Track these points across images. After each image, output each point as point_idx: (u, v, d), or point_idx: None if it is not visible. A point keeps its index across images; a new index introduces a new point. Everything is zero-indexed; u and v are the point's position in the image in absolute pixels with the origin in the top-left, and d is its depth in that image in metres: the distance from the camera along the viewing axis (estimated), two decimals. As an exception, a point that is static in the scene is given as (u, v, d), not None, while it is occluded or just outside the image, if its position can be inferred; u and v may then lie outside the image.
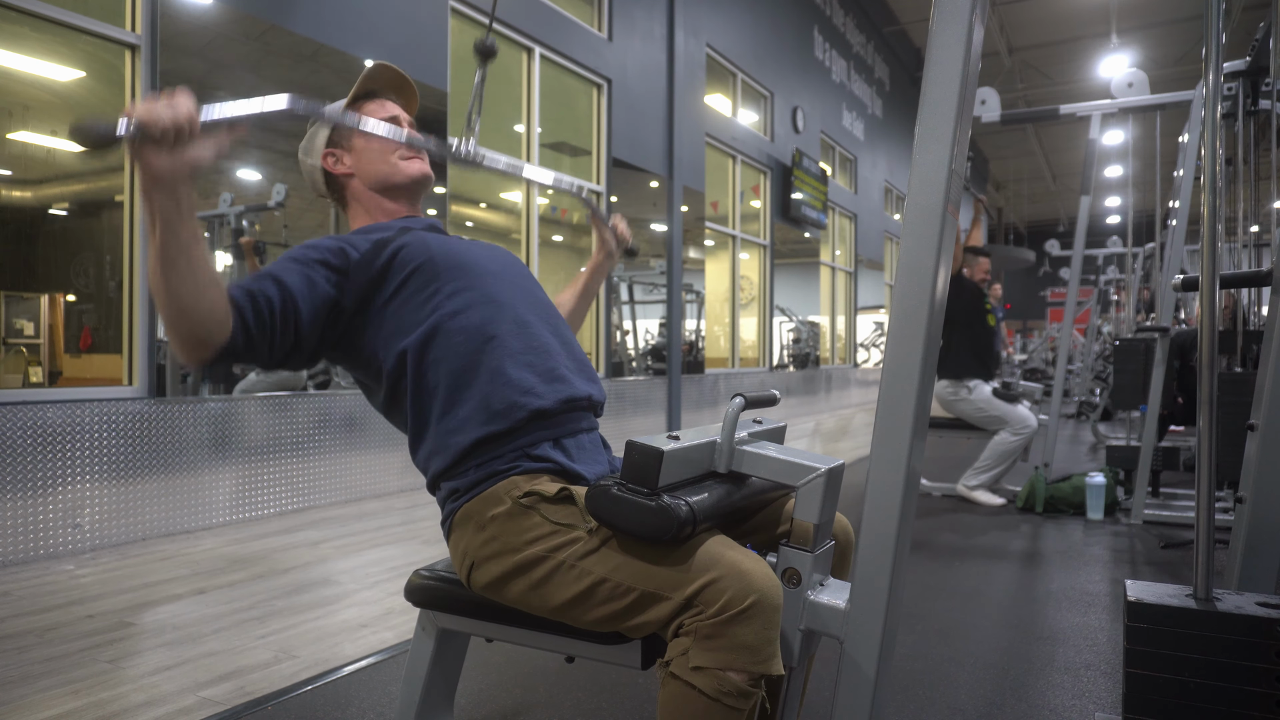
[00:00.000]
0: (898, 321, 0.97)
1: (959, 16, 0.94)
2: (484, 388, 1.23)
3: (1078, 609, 2.63)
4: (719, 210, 9.10)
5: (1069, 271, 5.27)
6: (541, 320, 1.34)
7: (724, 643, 0.98)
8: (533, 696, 1.89)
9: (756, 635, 0.98)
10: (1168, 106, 4.52)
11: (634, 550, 1.06)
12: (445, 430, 1.23)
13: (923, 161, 0.96)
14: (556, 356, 1.30)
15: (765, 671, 0.99)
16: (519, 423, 1.22)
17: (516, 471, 1.20)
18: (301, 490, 4.12)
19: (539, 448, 1.23)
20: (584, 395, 1.30)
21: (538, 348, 1.29)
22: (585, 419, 1.33)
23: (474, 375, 1.23)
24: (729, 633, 0.98)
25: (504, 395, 1.22)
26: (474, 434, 1.21)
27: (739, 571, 1.00)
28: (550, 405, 1.24)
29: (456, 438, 1.22)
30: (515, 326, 1.28)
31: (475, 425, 1.21)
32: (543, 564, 1.12)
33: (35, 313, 3.55)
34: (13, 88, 3.34)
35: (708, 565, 1.01)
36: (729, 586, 0.99)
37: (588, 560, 1.09)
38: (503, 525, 1.16)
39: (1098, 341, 10.13)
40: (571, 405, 1.28)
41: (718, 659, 0.98)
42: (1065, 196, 25.60)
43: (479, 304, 1.28)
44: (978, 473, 4.41)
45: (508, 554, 1.15)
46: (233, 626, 2.38)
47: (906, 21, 15.17)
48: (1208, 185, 1.35)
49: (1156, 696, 1.20)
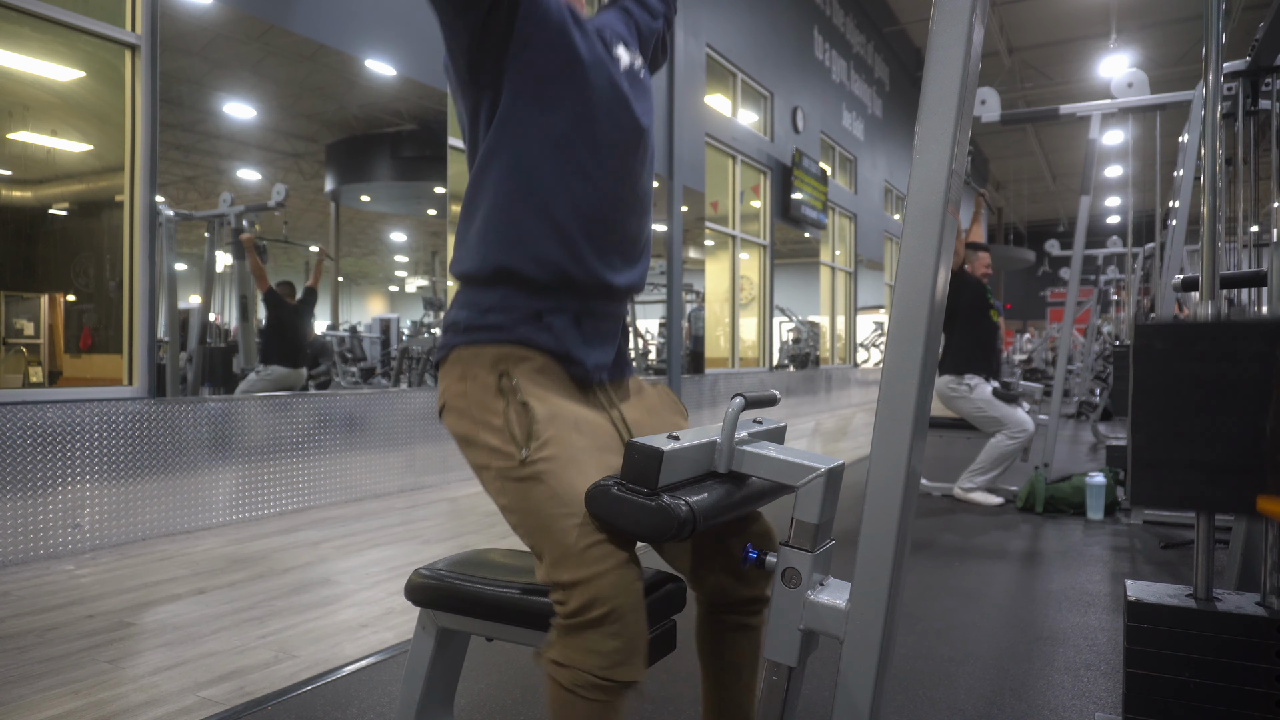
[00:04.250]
0: (898, 321, 0.97)
1: (959, 16, 0.94)
2: (528, 220, 1.17)
3: (1078, 609, 2.63)
4: (719, 210, 9.10)
5: (1069, 271, 5.27)
6: (622, 182, 1.24)
7: (577, 643, 1.03)
8: (533, 696, 1.89)
9: (607, 644, 1.02)
10: (1168, 106, 4.52)
11: (542, 505, 1.07)
12: (480, 234, 1.19)
13: (923, 161, 0.96)
14: (617, 232, 1.24)
15: (618, 679, 1.03)
16: (549, 282, 1.18)
17: (515, 339, 1.18)
18: (301, 490, 4.12)
19: (555, 317, 1.19)
20: (624, 285, 1.26)
21: (602, 216, 1.22)
22: (616, 306, 1.29)
23: (524, 198, 1.17)
24: (582, 636, 1.03)
25: (543, 247, 1.17)
26: (500, 260, 1.17)
27: (605, 576, 1.03)
28: (585, 280, 1.20)
29: (485, 249, 1.18)
30: (590, 180, 1.20)
31: (503, 252, 1.17)
32: (483, 455, 1.14)
33: (35, 313, 3.55)
34: (13, 88, 3.34)
35: (587, 560, 1.04)
36: (589, 591, 1.02)
37: (506, 484, 1.11)
38: (478, 395, 1.16)
39: (1098, 341, 10.13)
40: (608, 291, 1.24)
41: (570, 657, 1.04)
42: (1065, 196, 25.60)
43: (576, 127, 1.18)
44: (974, 475, 4.41)
45: (468, 421, 1.16)
46: (233, 626, 2.38)
47: (906, 21, 15.17)
48: (1208, 185, 1.35)
49: (1156, 696, 1.20)
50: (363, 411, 4.47)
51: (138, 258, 3.57)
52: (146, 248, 3.57)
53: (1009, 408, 4.33)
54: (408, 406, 4.78)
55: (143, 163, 3.56)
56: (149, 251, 3.58)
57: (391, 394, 4.72)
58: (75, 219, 3.61)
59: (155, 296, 3.59)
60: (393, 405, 4.68)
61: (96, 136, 3.63)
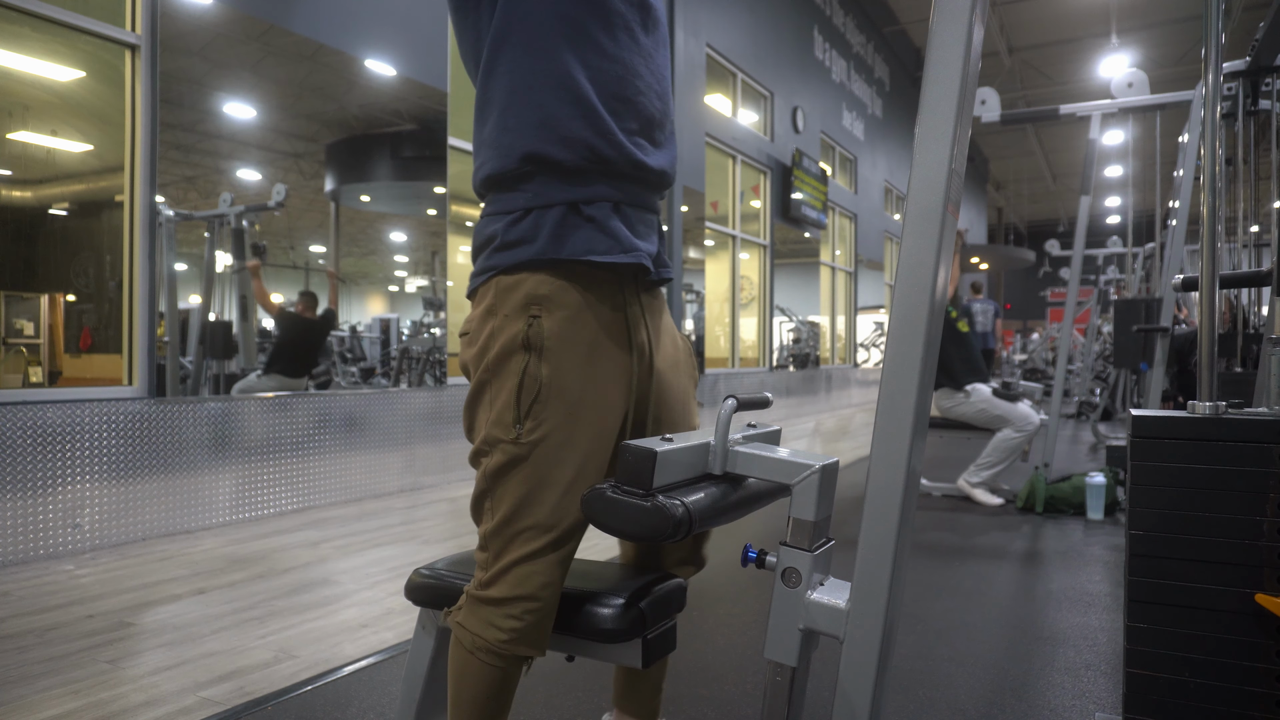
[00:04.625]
0: (898, 321, 0.97)
1: (959, 16, 0.94)
2: (550, 101, 1.11)
3: (1078, 609, 2.63)
4: (719, 210, 9.10)
5: (1069, 271, 5.27)
6: (640, 59, 1.18)
7: (481, 615, 1.11)
8: (533, 696, 1.89)
9: (508, 623, 1.09)
10: (1168, 106, 4.52)
11: (509, 481, 1.11)
12: (500, 124, 1.13)
13: (923, 161, 0.96)
14: (642, 112, 1.18)
15: (514, 654, 1.11)
16: (580, 164, 1.12)
17: (553, 257, 1.11)
18: (301, 490, 4.12)
19: (593, 207, 1.13)
20: (657, 167, 1.20)
21: (624, 95, 1.15)
22: (652, 195, 1.23)
23: (542, 78, 1.11)
24: (486, 610, 1.11)
25: (571, 125, 1.11)
26: (526, 147, 1.11)
27: (525, 565, 1.09)
28: (617, 160, 1.14)
29: (508, 139, 1.12)
30: (607, 55, 1.14)
31: (527, 138, 1.11)
32: (482, 410, 1.14)
33: (35, 313, 3.55)
34: (13, 88, 3.34)
35: (517, 544, 1.10)
36: (506, 574, 1.09)
37: (490, 445, 1.12)
38: (497, 354, 1.12)
39: (1098, 341, 10.13)
40: (642, 171, 1.17)
41: (472, 625, 1.12)
42: (1065, 196, 25.60)
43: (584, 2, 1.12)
44: (980, 469, 4.42)
45: (481, 369, 1.13)
46: (233, 626, 2.38)
47: (906, 21, 15.17)
48: (1208, 185, 1.35)
49: (1156, 696, 1.20)
50: (363, 411, 4.47)
51: (138, 258, 3.57)
52: (146, 248, 3.58)
53: (1011, 404, 4.33)
54: (408, 406, 4.78)
55: (143, 163, 3.56)
56: (149, 251, 3.58)
57: (391, 394, 4.72)
58: (75, 219, 3.61)
59: (155, 296, 3.59)
60: (393, 405, 4.68)
61: (96, 136, 3.63)
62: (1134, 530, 1.25)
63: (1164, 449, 1.23)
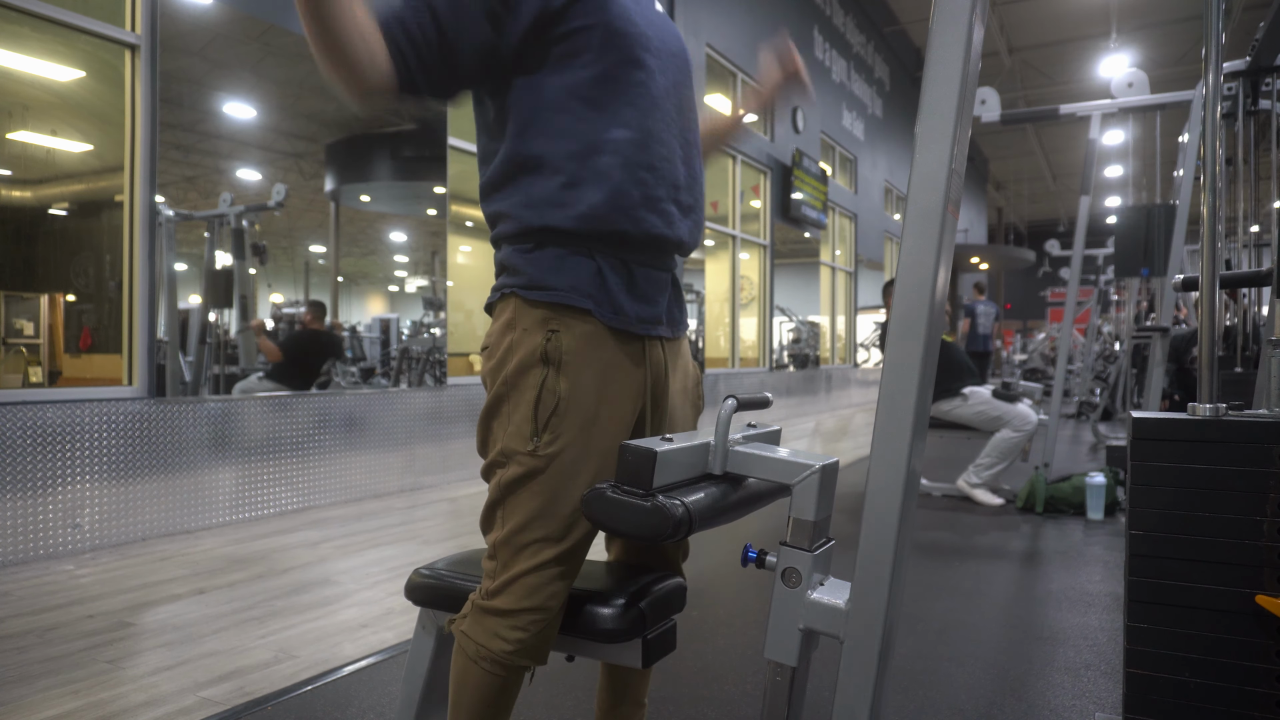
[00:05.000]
0: (898, 321, 0.97)
1: (959, 16, 0.94)
2: (582, 175, 1.13)
3: (1078, 609, 2.63)
4: (719, 210, 9.10)
5: (1069, 271, 5.27)
6: (676, 135, 1.21)
7: (486, 624, 1.12)
8: (533, 696, 1.89)
9: (512, 634, 1.10)
10: (1168, 106, 4.52)
11: (520, 493, 1.11)
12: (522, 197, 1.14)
13: (923, 161, 0.96)
14: (672, 181, 1.20)
15: (517, 663, 1.11)
16: (598, 235, 1.14)
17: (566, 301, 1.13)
18: (301, 490, 4.12)
19: (608, 274, 1.15)
20: (676, 239, 1.21)
21: (658, 167, 1.17)
22: (668, 261, 1.24)
23: (579, 157, 1.13)
24: (491, 620, 1.11)
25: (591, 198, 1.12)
26: (547, 219, 1.13)
27: (532, 576, 1.09)
28: (636, 234, 1.16)
29: (525, 211, 1.14)
30: (644, 134, 1.16)
31: (553, 209, 1.13)
32: (500, 421, 1.13)
33: (35, 313, 3.55)
34: (13, 88, 3.34)
35: (524, 555, 1.10)
36: (513, 585, 1.10)
37: (505, 456, 1.12)
38: (516, 367, 1.12)
39: (1097, 341, 10.13)
40: (659, 244, 1.19)
41: (476, 634, 1.12)
42: (1065, 196, 25.60)
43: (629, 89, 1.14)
44: (980, 469, 4.41)
45: (499, 383, 1.13)
46: (233, 626, 2.38)
47: (906, 21, 15.17)
48: (1208, 185, 1.35)
49: (1156, 696, 1.20)
50: (362, 411, 4.47)
51: (138, 258, 3.57)
52: (146, 248, 3.57)
53: (1010, 404, 4.33)
54: (408, 406, 4.78)
55: (143, 163, 3.56)
56: (149, 251, 3.58)
57: (391, 394, 4.72)
58: (75, 219, 3.61)
59: (155, 296, 3.59)
60: (392, 405, 4.68)
61: (96, 136, 3.63)
62: (1134, 530, 1.25)
63: (1164, 450, 1.23)
